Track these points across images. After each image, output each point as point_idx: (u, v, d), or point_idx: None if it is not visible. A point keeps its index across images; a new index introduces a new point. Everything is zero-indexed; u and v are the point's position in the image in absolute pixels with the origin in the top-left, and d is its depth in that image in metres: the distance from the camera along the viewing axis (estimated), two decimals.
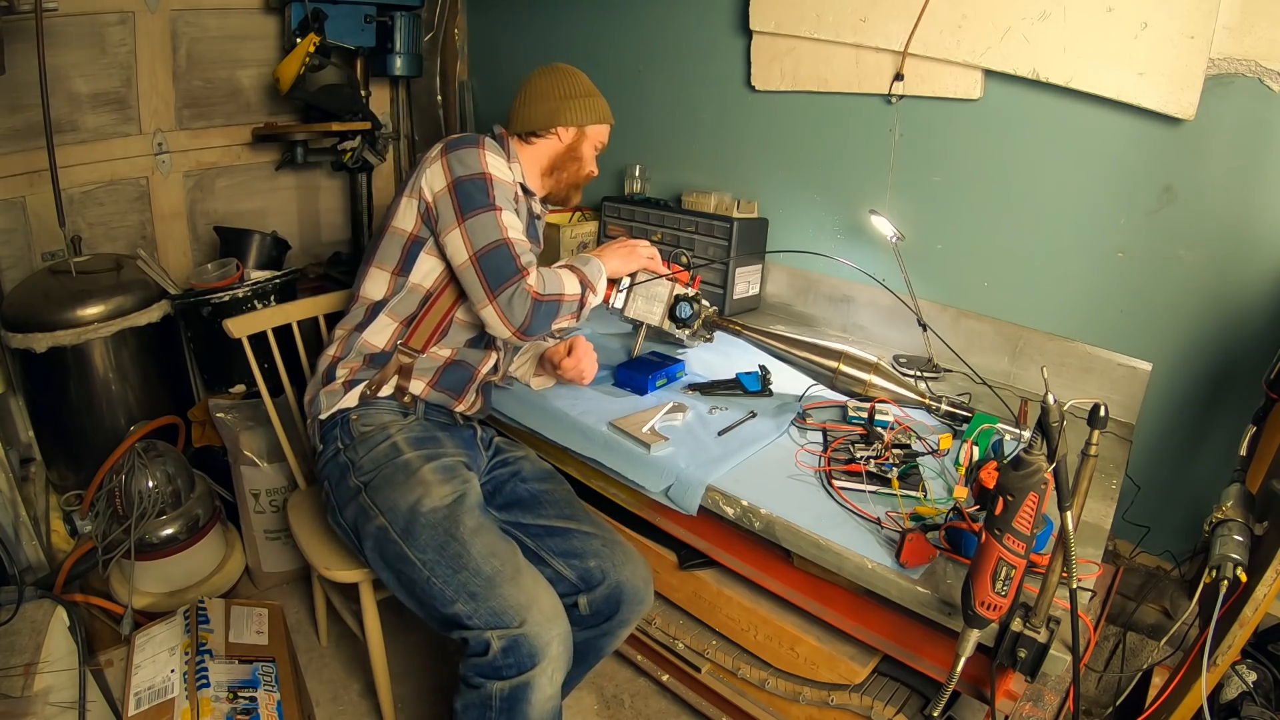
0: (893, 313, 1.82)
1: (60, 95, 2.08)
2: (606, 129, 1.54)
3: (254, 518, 1.89)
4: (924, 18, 1.63)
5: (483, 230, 1.27)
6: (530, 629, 1.10)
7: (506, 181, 1.36)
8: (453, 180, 1.29)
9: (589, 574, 1.31)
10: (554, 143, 1.48)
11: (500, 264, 1.25)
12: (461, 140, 1.35)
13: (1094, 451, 0.81)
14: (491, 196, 1.30)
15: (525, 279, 1.26)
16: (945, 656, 1.08)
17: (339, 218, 2.91)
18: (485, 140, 1.36)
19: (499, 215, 1.28)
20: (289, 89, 2.27)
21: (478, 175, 1.30)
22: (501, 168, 1.35)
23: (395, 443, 1.29)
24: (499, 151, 1.38)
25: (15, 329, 1.85)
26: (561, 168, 1.50)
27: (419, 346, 1.37)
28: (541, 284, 1.28)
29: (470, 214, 1.27)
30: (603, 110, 1.51)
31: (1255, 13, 1.32)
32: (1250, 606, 0.93)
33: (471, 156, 1.32)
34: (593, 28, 2.39)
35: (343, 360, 1.38)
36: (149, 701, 1.22)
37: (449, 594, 1.14)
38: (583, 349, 1.50)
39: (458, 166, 1.30)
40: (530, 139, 1.48)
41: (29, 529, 1.70)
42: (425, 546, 1.17)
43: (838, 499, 1.20)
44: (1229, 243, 1.45)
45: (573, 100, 1.47)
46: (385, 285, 1.38)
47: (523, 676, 1.09)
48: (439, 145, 1.35)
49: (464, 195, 1.28)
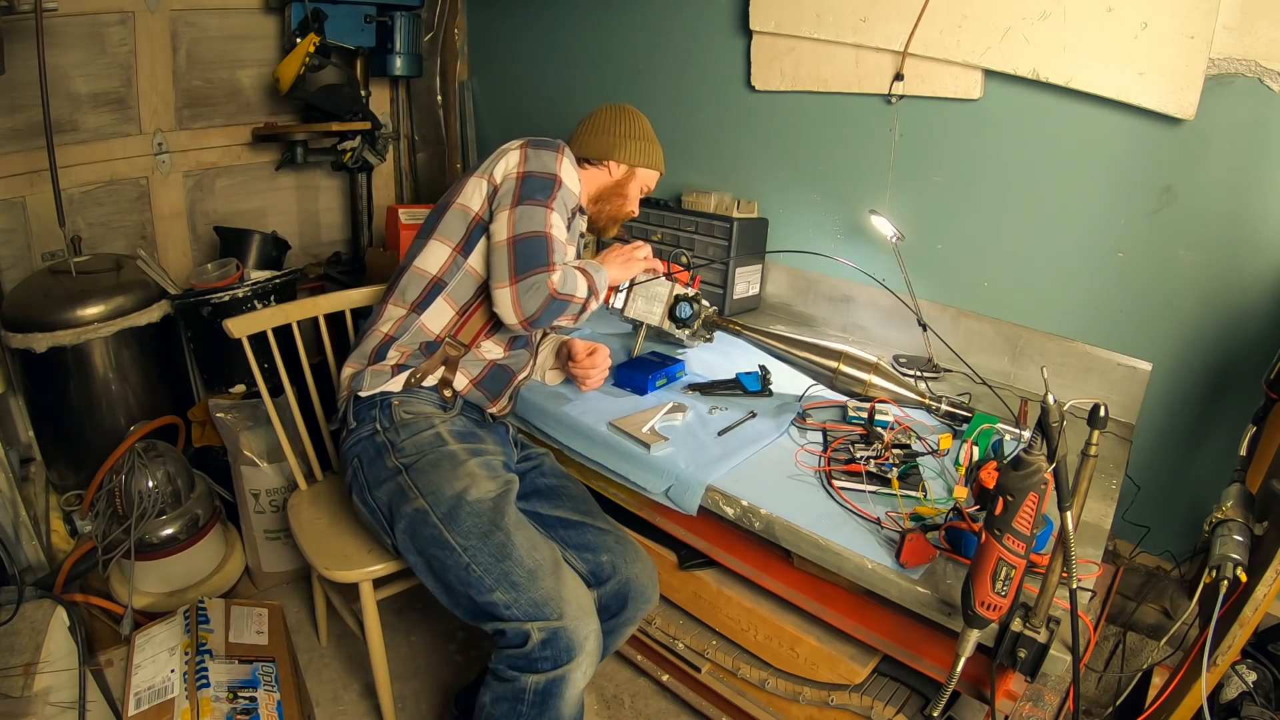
0: (893, 313, 1.82)
1: (60, 95, 2.08)
2: (656, 176, 1.59)
3: (254, 518, 1.89)
4: (924, 18, 1.63)
5: (529, 219, 1.30)
6: (569, 622, 1.10)
7: (573, 192, 1.41)
8: (524, 171, 1.34)
9: (600, 568, 1.32)
10: (604, 175, 1.55)
11: (534, 252, 1.28)
12: (545, 142, 1.39)
13: (1094, 451, 0.81)
14: (552, 197, 1.34)
15: (550, 274, 1.28)
16: (945, 656, 1.08)
17: (339, 218, 2.92)
18: (565, 148, 1.41)
19: (549, 214, 1.32)
20: (289, 89, 2.27)
21: (549, 175, 1.35)
22: (573, 178, 1.41)
23: (439, 433, 1.30)
24: (575, 164, 1.43)
25: (15, 329, 1.85)
26: (606, 199, 1.55)
27: (468, 340, 1.39)
28: (562, 282, 1.30)
29: (526, 202, 1.31)
30: (656, 157, 1.57)
31: (1255, 13, 1.32)
32: (1250, 606, 0.93)
33: (550, 159, 1.37)
34: (593, 28, 2.39)
35: (397, 341, 1.37)
36: (149, 701, 1.22)
37: (489, 582, 1.14)
38: (601, 356, 1.55)
39: (534, 162, 1.35)
40: (584, 164, 1.54)
41: (29, 529, 1.70)
42: (469, 533, 1.17)
43: (838, 499, 1.20)
44: (1229, 243, 1.45)
45: (631, 141, 1.53)
46: (445, 260, 1.38)
47: (558, 670, 1.09)
48: (520, 140, 1.40)
49: (528, 186, 1.33)
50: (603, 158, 1.53)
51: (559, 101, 2.55)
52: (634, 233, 2.20)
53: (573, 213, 1.44)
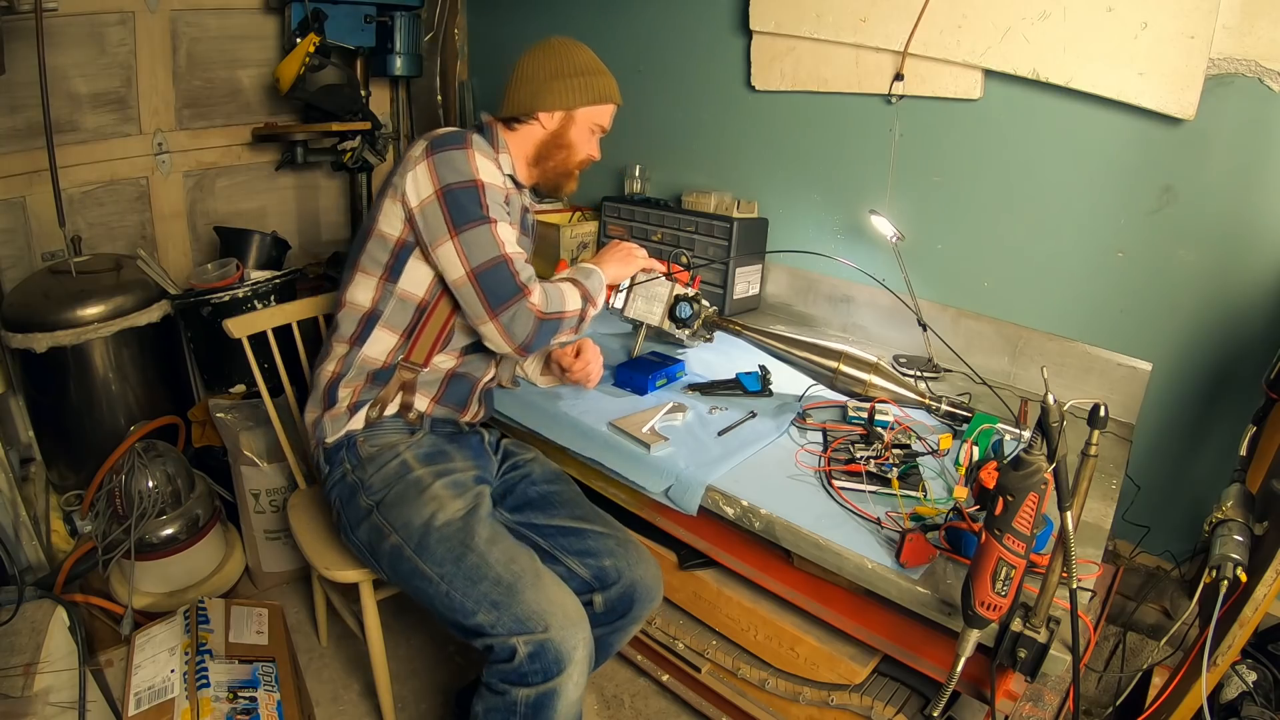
0: (893, 313, 1.82)
1: (60, 95, 2.08)
2: (606, 110, 1.39)
3: (254, 518, 1.89)
4: (924, 18, 1.63)
5: (479, 246, 1.20)
6: (556, 634, 1.08)
7: (497, 185, 1.26)
8: (441, 188, 1.20)
9: (604, 573, 1.31)
10: (536, 130, 1.35)
11: (500, 282, 1.20)
12: (446, 139, 1.23)
13: (1094, 451, 0.81)
14: (484, 206, 1.21)
15: (528, 297, 1.21)
16: (945, 656, 1.08)
17: (339, 218, 2.91)
18: (471, 139, 1.25)
19: (494, 228, 1.21)
20: (289, 89, 2.27)
21: (468, 183, 1.21)
22: (491, 170, 1.25)
23: (405, 460, 1.27)
24: (487, 150, 1.27)
25: (15, 329, 1.85)
26: (547, 156, 1.37)
27: (421, 360, 1.32)
28: (545, 301, 1.24)
29: (464, 227, 1.20)
30: (598, 90, 1.35)
31: (1255, 13, 1.32)
32: (1250, 606, 0.93)
33: (460, 159, 1.21)
34: (593, 28, 2.39)
35: (344, 379, 1.33)
36: (149, 701, 1.22)
37: (469, 606, 1.12)
38: (591, 352, 1.47)
39: (446, 172, 1.20)
40: (513, 125, 1.36)
41: (29, 529, 1.70)
42: (442, 560, 1.16)
43: (838, 499, 1.20)
44: (1229, 243, 1.45)
45: (558, 81, 1.32)
46: (373, 291, 1.31)
47: (549, 684, 1.08)
48: (422, 143, 1.24)
49: (455, 206, 1.20)
50: (529, 111, 1.33)
51: None
52: (634, 232, 2.20)
53: (507, 199, 1.30)
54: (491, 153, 1.29)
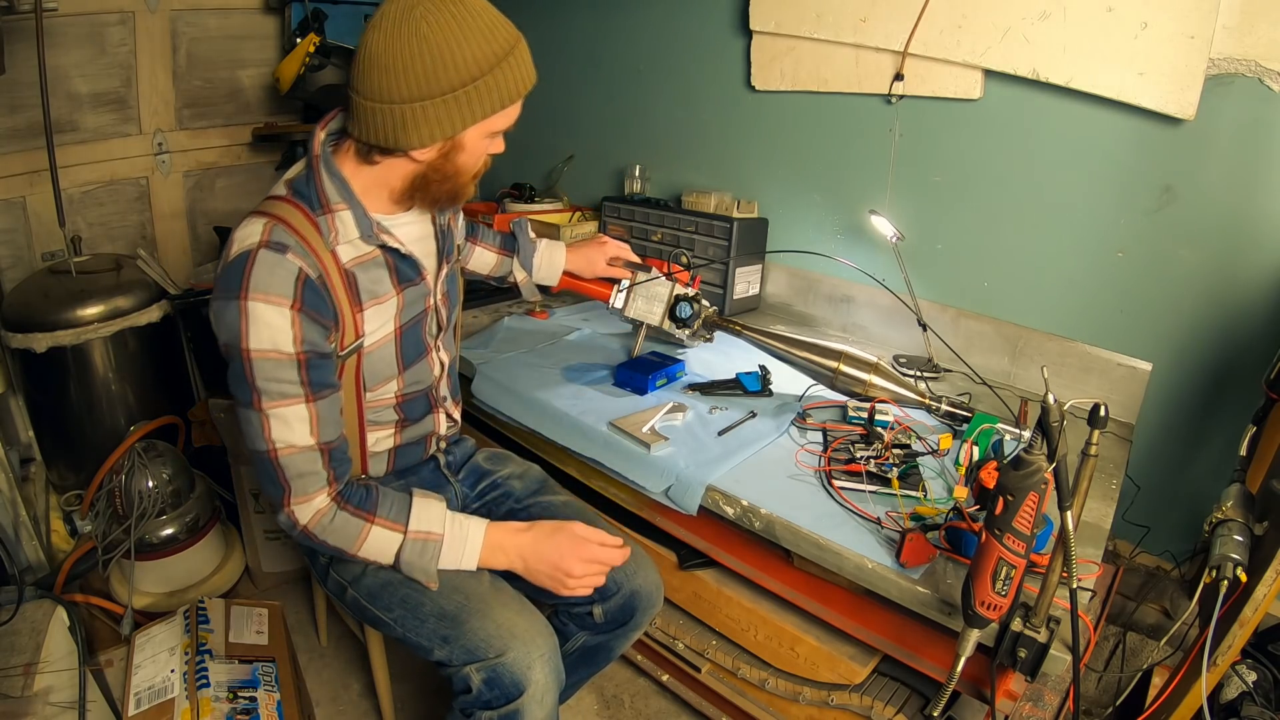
0: (893, 313, 1.82)
1: (60, 95, 2.08)
2: (509, 112, 1.01)
3: (254, 518, 1.89)
4: (924, 18, 1.63)
5: (247, 433, 1.00)
6: (509, 657, 1.06)
7: (285, 350, 0.94)
8: (223, 345, 0.97)
9: (604, 585, 1.27)
10: (404, 164, 1.01)
11: (264, 478, 1.02)
12: (225, 277, 0.94)
13: (1094, 451, 0.81)
14: (251, 381, 0.94)
15: (287, 507, 1.01)
16: (945, 656, 1.08)
17: None
18: (257, 260, 0.92)
19: (264, 419, 0.96)
20: (289, 89, 2.27)
21: (239, 353, 0.94)
22: (279, 325, 0.93)
23: None
24: (281, 271, 0.93)
25: (15, 329, 1.85)
26: (423, 188, 1.04)
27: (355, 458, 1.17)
28: (319, 526, 1.03)
29: (238, 404, 0.99)
30: (495, 93, 0.96)
31: (1255, 13, 1.32)
32: (1250, 606, 0.93)
33: (230, 314, 0.92)
34: (593, 28, 2.39)
35: None
36: (149, 701, 1.22)
37: (424, 643, 1.11)
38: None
39: (219, 328, 0.96)
40: (372, 157, 1.01)
41: (29, 529, 1.70)
42: (390, 604, 1.15)
43: (838, 499, 1.20)
44: (1229, 242, 1.45)
45: (431, 107, 0.93)
46: None
47: (511, 705, 1.06)
48: (218, 269, 0.98)
49: (231, 374, 0.98)
50: (389, 148, 0.97)
51: (559, 102, 2.55)
52: (634, 232, 2.20)
53: (326, 293, 0.98)
54: (289, 260, 0.94)
